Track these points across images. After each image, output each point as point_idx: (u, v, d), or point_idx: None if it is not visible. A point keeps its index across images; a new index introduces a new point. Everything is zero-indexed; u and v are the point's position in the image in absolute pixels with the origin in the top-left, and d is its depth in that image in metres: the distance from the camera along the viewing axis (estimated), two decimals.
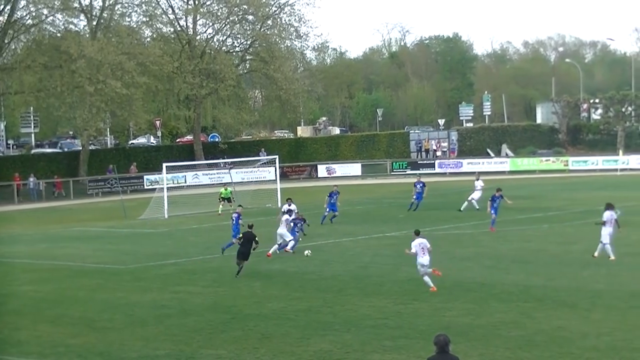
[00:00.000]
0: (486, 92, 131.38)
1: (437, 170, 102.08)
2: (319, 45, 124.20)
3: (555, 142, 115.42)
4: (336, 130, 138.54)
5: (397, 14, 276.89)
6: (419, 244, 31.68)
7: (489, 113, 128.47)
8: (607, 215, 38.50)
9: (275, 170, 75.46)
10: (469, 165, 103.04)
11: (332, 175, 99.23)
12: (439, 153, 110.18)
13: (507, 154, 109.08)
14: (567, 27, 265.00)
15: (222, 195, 65.35)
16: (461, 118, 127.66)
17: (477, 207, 56.85)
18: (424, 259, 31.67)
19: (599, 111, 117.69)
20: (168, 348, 24.91)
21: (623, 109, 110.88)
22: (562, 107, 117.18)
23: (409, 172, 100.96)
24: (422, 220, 51.93)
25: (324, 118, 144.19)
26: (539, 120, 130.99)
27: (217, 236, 48.55)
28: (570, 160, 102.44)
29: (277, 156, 77.51)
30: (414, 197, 59.86)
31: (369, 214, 61.66)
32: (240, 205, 50.30)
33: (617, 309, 28.03)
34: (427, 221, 52.18)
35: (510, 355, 23.08)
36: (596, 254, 37.86)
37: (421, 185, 59.78)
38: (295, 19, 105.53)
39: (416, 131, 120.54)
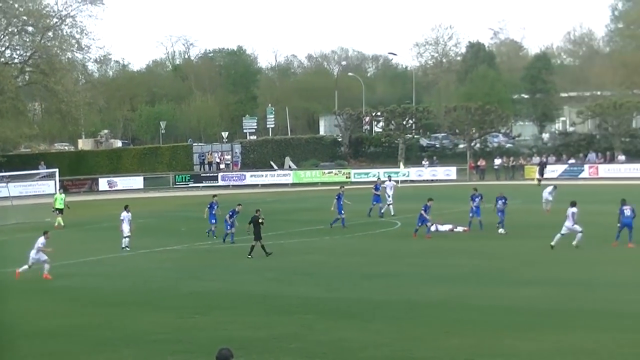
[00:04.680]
0: (270, 105, 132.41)
1: (221, 183, 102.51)
2: (101, 58, 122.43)
3: (338, 155, 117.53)
4: (118, 143, 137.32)
5: (181, 27, 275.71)
6: None
7: (272, 126, 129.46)
8: (570, 211, 42.59)
9: (55, 184, 74.15)
10: (252, 177, 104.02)
11: (113, 188, 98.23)
12: (222, 166, 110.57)
13: (290, 167, 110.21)
14: (350, 42, 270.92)
15: (56, 206, 63.45)
16: (245, 131, 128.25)
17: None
18: None
19: (381, 124, 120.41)
20: None
21: (404, 122, 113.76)
22: (345, 120, 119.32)
23: (191, 185, 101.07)
24: (203, 234, 51.92)
25: (105, 131, 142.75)
26: (322, 133, 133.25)
27: None
28: (352, 172, 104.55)
29: (57, 169, 76.19)
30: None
31: (151, 227, 61.01)
32: (239, 204, 50.34)
33: (396, 319, 28.52)
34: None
35: None
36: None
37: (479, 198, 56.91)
38: (77, 31, 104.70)
39: (199, 144, 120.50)
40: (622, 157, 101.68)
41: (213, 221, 53.29)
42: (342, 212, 55.40)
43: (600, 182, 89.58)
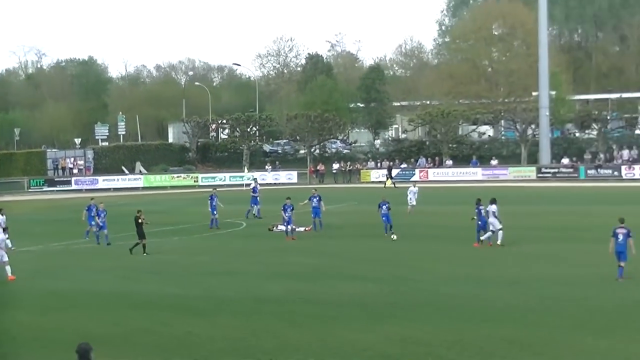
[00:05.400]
0: (121, 112, 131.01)
1: (74, 187, 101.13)
2: None
3: (186, 160, 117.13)
4: None
5: (34, 37, 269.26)
6: None
7: (123, 132, 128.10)
8: (491, 208, 42.63)
9: None
10: (104, 182, 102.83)
11: None
12: (75, 171, 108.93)
13: (140, 171, 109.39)
14: (197, 52, 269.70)
15: None
16: (97, 137, 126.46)
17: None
18: None
19: (226, 131, 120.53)
20: None
21: (248, 129, 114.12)
22: (192, 127, 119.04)
23: (45, 189, 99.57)
24: (59, 235, 51.39)
25: None
26: (170, 140, 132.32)
27: None
28: (200, 176, 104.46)
29: None
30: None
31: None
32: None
33: (242, 313, 28.85)
34: (64, 236, 51.70)
35: (147, 358, 23.35)
36: (498, 242, 42.19)
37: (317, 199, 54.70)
38: None
39: (53, 150, 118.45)
40: (449, 162, 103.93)
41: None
42: (215, 212, 56.02)
43: (429, 185, 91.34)
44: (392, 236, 46.98)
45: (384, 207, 50.88)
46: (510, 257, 39.77)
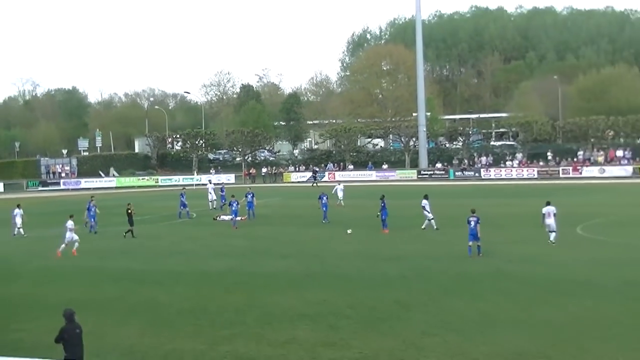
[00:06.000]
0: (98, 129, 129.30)
1: (62, 187, 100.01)
2: None
3: (149, 166, 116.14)
4: None
5: (29, 70, 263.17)
6: None
7: (100, 145, 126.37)
8: (423, 201, 42.83)
9: None
10: (85, 182, 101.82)
11: None
12: (63, 174, 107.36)
13: (114, 175, 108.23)
14: (156, 82, 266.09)
15: None
16: (80, 149, 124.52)
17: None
18: None
19: (180, 143, 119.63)
20: None
21: (196, 142, 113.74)
22: (154, 140, 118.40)
23: (40, 188, 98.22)
24: (51, 224, 50.46)
25: None
26: (137, 150, 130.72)
27: None
28: (160, 178, 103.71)
29: None
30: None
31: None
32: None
33: (192, 283, 28.89)
34: (56, 224, 50.90)
35: (119, 319, 23.24)
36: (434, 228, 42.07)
37: (251, 195, 53.34)
38: None
39: (46, 158, 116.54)
40: (351, 167, 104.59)
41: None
42: (186, 206, 55.18)
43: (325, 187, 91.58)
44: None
45: (324, 198, 50.00)
46: (399, 239, 40.14)
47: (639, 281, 27.08)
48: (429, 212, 42.81)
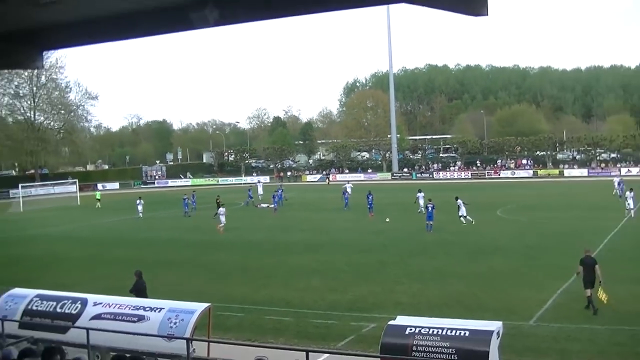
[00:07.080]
0: (179, 147, 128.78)
1: (156, 185, 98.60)
2: (96, 126, 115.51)
3: (212, 171, 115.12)
4: (105, 167, 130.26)
5: (135, 106, 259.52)
6: None
7: (180, 157, 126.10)
8: (419, 194, 40.56)
9: (76, 188, 67.22)
10: (172, 182, 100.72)
11: (105, 188, 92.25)
12: (156, 177, 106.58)
13: (189, 177, 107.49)
14: (217, 113, 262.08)
15: (97, 197, 55.80)
16: (167, 160, 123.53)
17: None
18: None
19: (232, 156, 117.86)
20: None
21: (243, 155, 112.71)
22: (215, 154, 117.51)
23: (142, 186, 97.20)
24: (154, 209, 49.72)
25: (99, 160, 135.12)
26: (204, 160, 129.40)
27: None
28: (219, 179, 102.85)
29: (76, 180, 70.20)
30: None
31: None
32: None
33: (242, 250, 28.33)
34: (157, 209, 50.25)
35: (193, 273, 22.65)
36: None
37: (281, 190, 49.54)
38: (84, 112, 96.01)
39: (145, 166, 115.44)
40: (347, 171, 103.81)
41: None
42: (252, 198, 52.54)
43: (334, 184, 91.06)
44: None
45: (346, 193, 46.98)
46: (379, 219, 38.95)
47: (535, 245, 27.01)
48: (424, 203, 38.95)
